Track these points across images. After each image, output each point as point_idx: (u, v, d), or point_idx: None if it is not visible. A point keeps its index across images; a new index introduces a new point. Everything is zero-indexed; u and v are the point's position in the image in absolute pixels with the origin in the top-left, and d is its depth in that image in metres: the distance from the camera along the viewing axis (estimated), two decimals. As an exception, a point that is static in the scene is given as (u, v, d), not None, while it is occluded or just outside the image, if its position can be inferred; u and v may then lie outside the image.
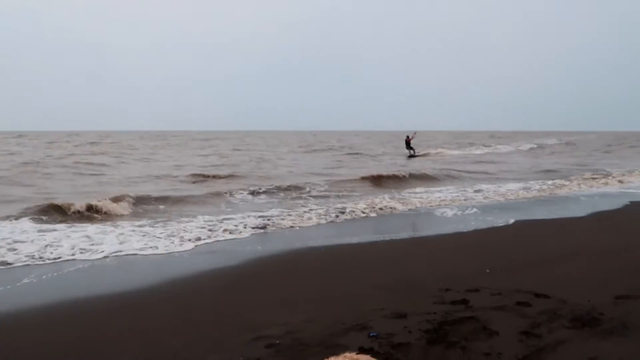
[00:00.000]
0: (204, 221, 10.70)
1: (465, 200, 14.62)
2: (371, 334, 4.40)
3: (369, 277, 6.51)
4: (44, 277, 6.70)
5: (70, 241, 8.53)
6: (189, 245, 8.65)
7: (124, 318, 5.18)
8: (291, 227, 10.62)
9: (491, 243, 8.66)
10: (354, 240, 9.14)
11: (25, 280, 6.53)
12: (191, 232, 9.56)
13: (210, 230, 9.86)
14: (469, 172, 23.72)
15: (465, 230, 9.93)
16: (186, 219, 10.93)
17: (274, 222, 10.77)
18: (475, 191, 16.45)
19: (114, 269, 7.36)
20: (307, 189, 16.50)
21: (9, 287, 6.29)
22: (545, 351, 3.96)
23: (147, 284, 6.46)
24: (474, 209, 12.72)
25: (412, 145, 36.49)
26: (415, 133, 37.18)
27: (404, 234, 9.74)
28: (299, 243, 8.83)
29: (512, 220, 10.73)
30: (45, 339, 4.65)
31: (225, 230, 9.91)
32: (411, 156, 35.66)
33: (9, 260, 7.49)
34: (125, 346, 4.42)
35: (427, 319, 4.75)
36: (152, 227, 10.07)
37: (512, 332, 4.35)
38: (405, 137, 37.42)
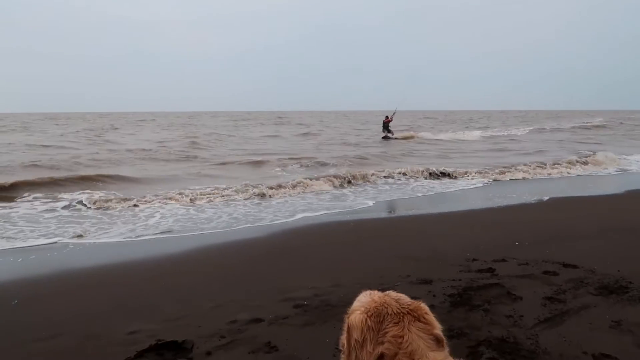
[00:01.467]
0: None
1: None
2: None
3: (396, 248, 6.60)
4: None
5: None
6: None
7: (160, 281, 5.46)
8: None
9: (523, 219, 8.58)
10: (383, 215, 9.27)
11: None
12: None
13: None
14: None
15: (496, 206, 9.88)
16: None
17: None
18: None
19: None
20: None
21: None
22: (568, 314, 4.00)
23: (184, 251, 6.81)
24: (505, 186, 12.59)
25: (390, 127, 33.85)
26: (394, 113, 33.86)
27: (434, 210, 9.77)
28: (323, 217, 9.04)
29: (546, 198, 10.59)
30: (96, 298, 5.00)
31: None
32: (385, 137, 33.22)
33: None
34: (160, 306, 4.68)
35: (451, 285, 4.84)
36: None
37: (536, 297, 4.39)
38: (384, 118, 34.71)
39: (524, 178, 15.10)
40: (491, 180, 14.47)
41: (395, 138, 33.38)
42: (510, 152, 24.62)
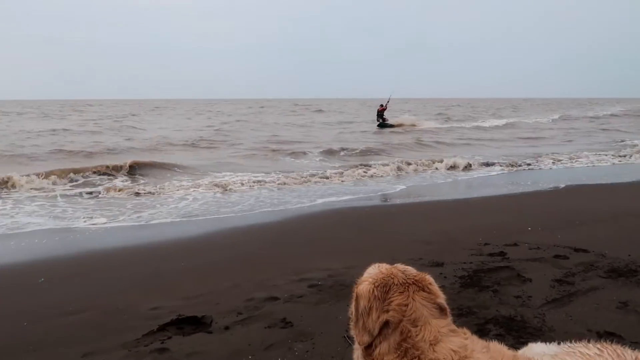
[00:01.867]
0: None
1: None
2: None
3: (410, 233, 6.71)
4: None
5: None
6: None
7: (181, 262, 5.66)
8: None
9: (537, 205, 8.61)
10: (398, 201, 9.38)
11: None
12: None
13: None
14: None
15: (511, 192, 9.92)
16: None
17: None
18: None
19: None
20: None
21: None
22: (576, 296, 4.08)
23: (205, 233, 7.04)
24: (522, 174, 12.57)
25: (385, 115, 33.05)
26: (388, 101, 33.06)
27: (448, 196, 9.85)
28: (340, 203, 9.20)
29: (562, 185, 10.57)
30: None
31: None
32: (381, 125, 32.27)
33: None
34: (180, 284, 4.88)
35: (462, 267, 4.94)
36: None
37: (545, 279, 4.48)
38: (378, 106, 33.68)
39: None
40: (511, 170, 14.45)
41: (391, 125, 32.36)
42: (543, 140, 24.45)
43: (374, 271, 2.01)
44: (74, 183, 11.89)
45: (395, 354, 1.69)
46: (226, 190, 10.95)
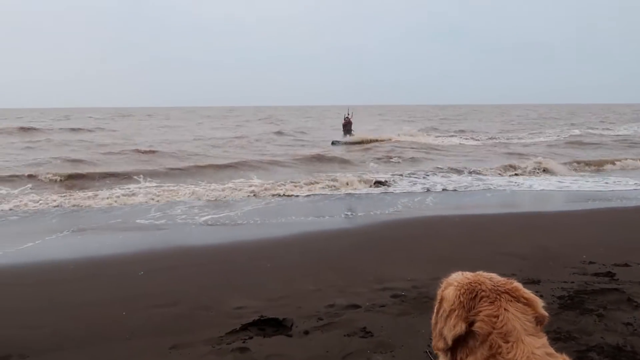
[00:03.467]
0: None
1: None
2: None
3: (502, 245, 6.30)
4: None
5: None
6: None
7: (267, 263, 5.78)
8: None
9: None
10: (487, 211, 8.90)
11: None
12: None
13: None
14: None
15: (623, 206, 8.96)
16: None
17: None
18: None
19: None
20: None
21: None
22: (703, 328, 3.54)
23: (290, 235, 7.17)
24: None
25: (352, 128, 28.90)
26: (352, 113, 29.45)
27: (545, 208, 9.14)
28: (429, 211, 8.90)
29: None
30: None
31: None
32: (337, 142, 26.54)
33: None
34: (264, 285, 4.97)
35: (562, 287, 4.52)
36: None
37: (662, 307, 3.94)
38: (343, 119, 29.41)
39: None
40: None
41: (355, 142, 26.39)
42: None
43: (459, 277, 1.87)
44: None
45: (482, 371, 1.53)
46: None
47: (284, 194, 11.05)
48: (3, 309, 4.37)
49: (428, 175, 13.85)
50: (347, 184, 11.99)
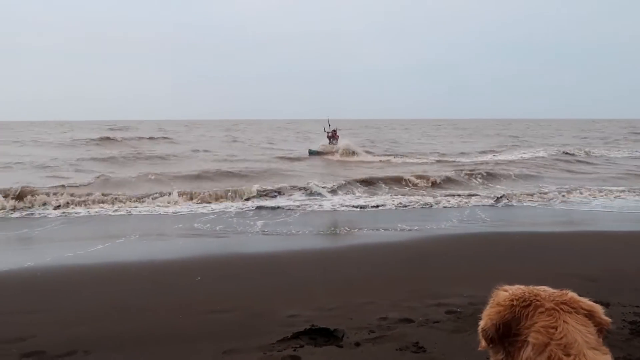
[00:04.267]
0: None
1: None
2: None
3: (569, 265, 5.97)
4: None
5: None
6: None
7: (318, 272, 5.79)
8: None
9: None
10: (544, 229, 8.50)
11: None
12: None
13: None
14: None
15: None
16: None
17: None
18: None
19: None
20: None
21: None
22: None
23: (344, 247, 7.15)
24: None
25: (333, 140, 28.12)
26: (332, 128, 28.32)
27: (620, 227, 8.58)
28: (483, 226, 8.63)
29: None
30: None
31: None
32: (315, 152, 26.67)
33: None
34: (316, 295, 4.97)
35: (634, 312, 4.21)
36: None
37: None
38: (328, 131, 28.28)
39: None
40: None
41: (317, 152, 26.67)
42: None
43: (513, 287, 1.80)
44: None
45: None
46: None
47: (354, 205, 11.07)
48: (71, 308, 4.63)
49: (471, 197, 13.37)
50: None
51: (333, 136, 28.49)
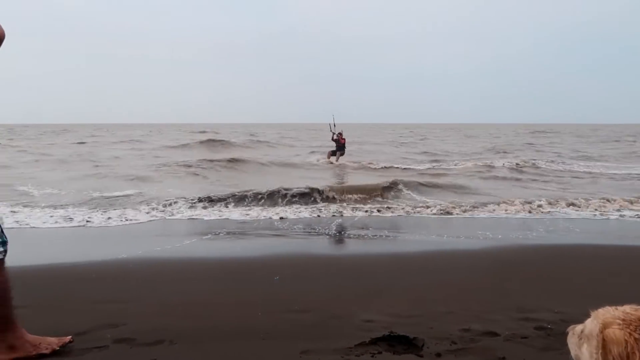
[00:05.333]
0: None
1: None
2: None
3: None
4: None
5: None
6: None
7: (395, 278, 5.68)
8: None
9: None
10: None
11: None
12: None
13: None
14: None
15: None
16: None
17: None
18: None
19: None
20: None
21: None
22: None
23: (421, 252, 6.97)
24: None
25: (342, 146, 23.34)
26: (340, 133, 23.12)
27: None
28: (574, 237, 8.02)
29: None
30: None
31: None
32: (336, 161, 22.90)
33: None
34: (394, 301, 4.86)
35: None
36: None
37: None
38: (335, 135, 23.14)
39: None
40: None
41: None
42: None
43: (616, 313, 1.62)
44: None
45: None
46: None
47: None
48: (158, 300, 4.88)
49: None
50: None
51: (339, 141, 23.29)
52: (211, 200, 11.66)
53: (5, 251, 3.17)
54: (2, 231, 3.17)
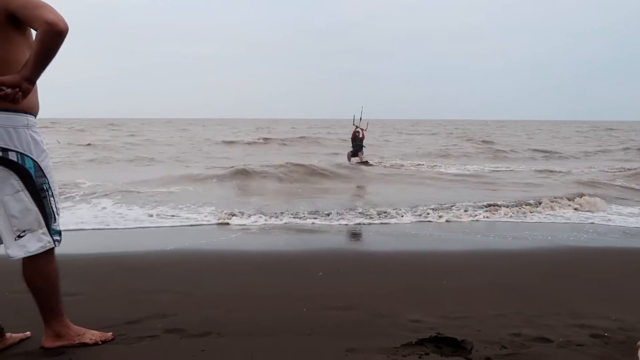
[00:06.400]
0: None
1: None
2: None
3: None
4: (379, 235, 7.88)
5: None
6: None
7: (443, 279, 5.57)
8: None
9: None
10: None
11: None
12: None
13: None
14: None
15: None
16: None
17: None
18: None
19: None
20: None
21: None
22: None
23: (464, 251, 6.81)
24: None
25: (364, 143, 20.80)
26: (363, 128, 20.51)
27: None
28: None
29: None
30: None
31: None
32: (363, 162, 20.02)
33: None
34: (441, 302, 4.77)
35: None
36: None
37: None
38: (356, 131, 20.60)
39: None
40: None
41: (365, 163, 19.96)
42: None
43: None
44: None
45: None
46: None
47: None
48: (205, 292, 4.98)
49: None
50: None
51: (358, 138, 20.72)
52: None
53: (59, 240, 3.29)
54: (56, 219, 3.30)
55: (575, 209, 10.63)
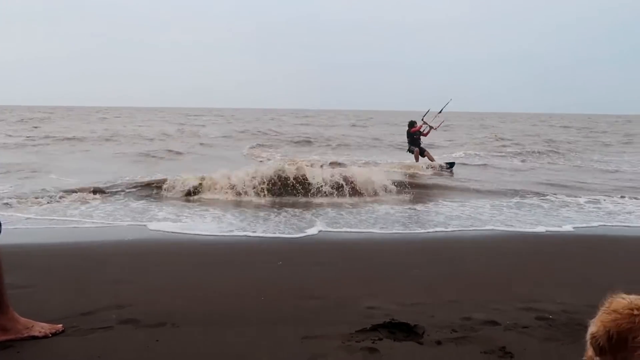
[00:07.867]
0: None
1: None
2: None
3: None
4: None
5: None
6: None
7: (401, 266, 5.69)
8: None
9: None
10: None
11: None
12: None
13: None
14: None
15: None
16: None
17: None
18: None
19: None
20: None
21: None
22: None
23: (422, 239, 6.95)
24: None
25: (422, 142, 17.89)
26: (433, 126, 17.57)
27: None
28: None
29: None
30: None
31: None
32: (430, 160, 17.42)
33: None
34: (396, 290, 4.88)
35: None
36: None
37: None
38: (413, 126, 17.61)
39: None
40: None
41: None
42: None
43: (630, 296, 1.62)
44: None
45: None
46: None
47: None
48: (163, 283, 4.94)
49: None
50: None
51: (419, 134, 17.84)
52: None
53: None
54: None
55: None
